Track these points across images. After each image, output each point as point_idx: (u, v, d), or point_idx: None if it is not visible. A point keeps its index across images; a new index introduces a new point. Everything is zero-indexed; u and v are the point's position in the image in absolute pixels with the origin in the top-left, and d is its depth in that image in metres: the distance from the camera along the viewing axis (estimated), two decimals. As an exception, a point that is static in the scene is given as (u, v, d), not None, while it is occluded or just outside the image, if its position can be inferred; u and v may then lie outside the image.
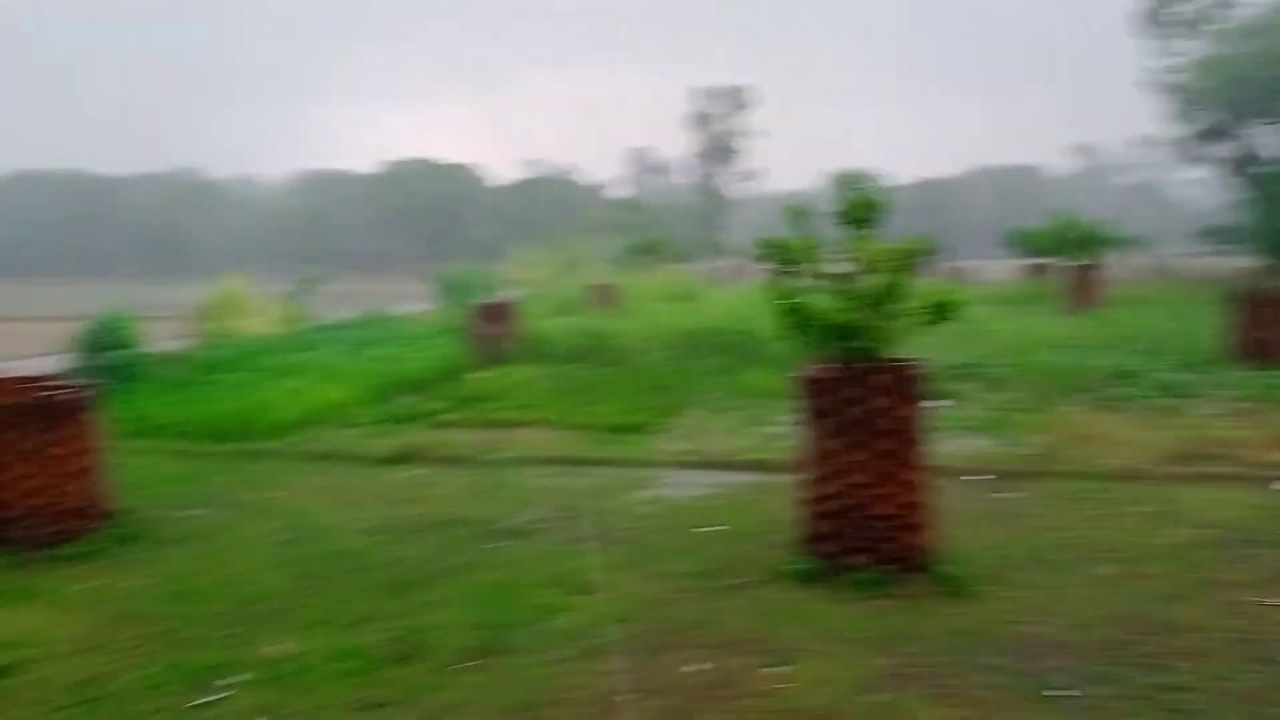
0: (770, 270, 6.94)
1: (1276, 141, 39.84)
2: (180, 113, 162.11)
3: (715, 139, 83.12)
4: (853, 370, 6.58)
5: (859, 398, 6.50)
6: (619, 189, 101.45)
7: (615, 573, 6.87)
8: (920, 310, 6.70)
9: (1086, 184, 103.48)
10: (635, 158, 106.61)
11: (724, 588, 6.55)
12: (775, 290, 6.88)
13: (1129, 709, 4.76)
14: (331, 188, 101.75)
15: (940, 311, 6.71)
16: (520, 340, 18.59)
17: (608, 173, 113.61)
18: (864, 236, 6.75)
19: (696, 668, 5.34)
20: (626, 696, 5.02)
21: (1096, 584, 6.47)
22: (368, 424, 12.61)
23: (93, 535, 7.72)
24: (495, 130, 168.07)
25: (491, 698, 5.05)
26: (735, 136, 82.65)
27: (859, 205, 6.75)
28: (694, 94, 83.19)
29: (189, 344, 17.83)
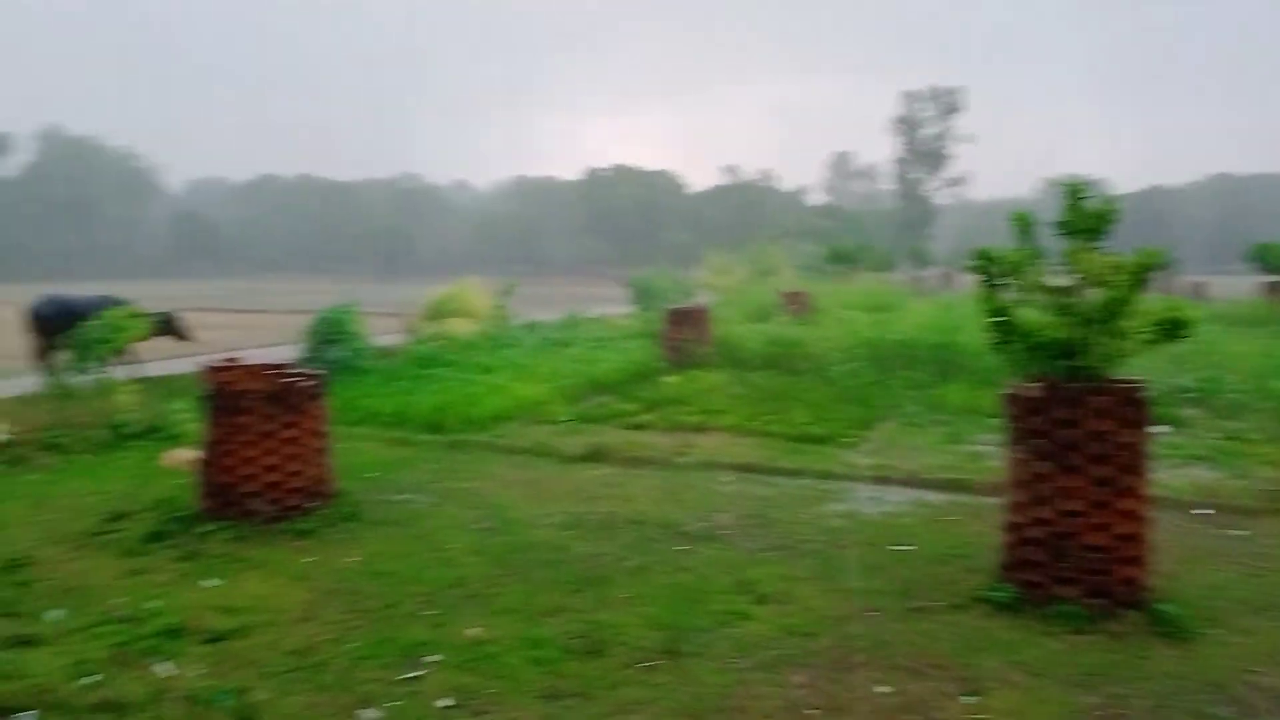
0: (982, 281, 6.61)
1: None
2: (406, 123, 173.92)
3: (922, 143, 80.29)
4: (1069, 390, 6.18)
5: (1075, 419, 6.09)
6: (818, 195, 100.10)
7: (801, 585, 6.76)
8: (1147, 329, 6.19)
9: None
10: (836, 163, 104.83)
11: (915, 609, 6.30)
12: (987, 302, 6.56)
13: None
14: (538, 194, 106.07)
15: (1170, 330, 6.18)
16: (712, 345, 18.65)
17: (806, 179, 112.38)
18: (1088, 248, 6.31)
19: (885, 689, 5.17)
20: (812, 712, 4.92)
21: (1347, 640, 5.76)
22: (562, 422, 13.03)
23: (316, 514, 8.38)
24: (694, 138, 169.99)
25: (673, 699, 5.09)
26: (943, 141, 79.49)
27: (1086, 215, 6.31)
28: (900, 97, 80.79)
29: (405, 339, 19.04)
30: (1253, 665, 5.38)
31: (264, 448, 8.30)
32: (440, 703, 5.06)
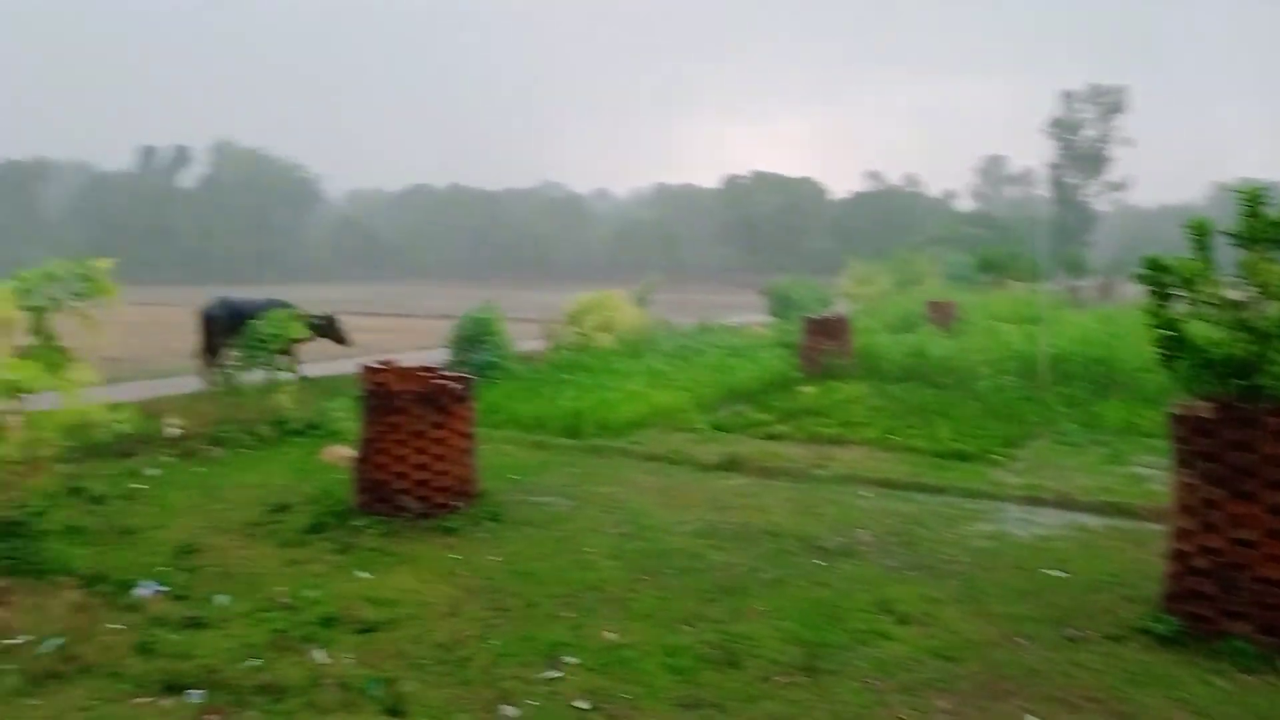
0: (1151, 292, 6.23)
1: None
2: (549, 132, 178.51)
3: (1080, 146, 76.36)
4: (1244, 411, 5.76)
5: (1250, 442, 5.68)
6: (966, 201, 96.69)
7: (944, 606, 6.54)
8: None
9: None
10: (986, 168, 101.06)
11: (1069, 638, 6.00)
12: (1155, 315, 6.19)
13: None
14: (677, 201, 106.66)
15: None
16: (851, 356, 18.28)
17: (954, 184, 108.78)
18: (1267, 258, 5.86)
19: (1034, 722, 4.93)
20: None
21: None
22: (698, 430, 13.04)
23: (461, 512, 8.67)
24: (837, 143, 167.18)
25: (811, 717, 5.01)
26: (1104, 143, 75.35)
27: (1264, 223, 5.87)
28: (1058, 97, 77.12)
29: (546, 345, 19.49)
30: None
31: (414, 447, 8.65)
32: (578, 704, 5.14)
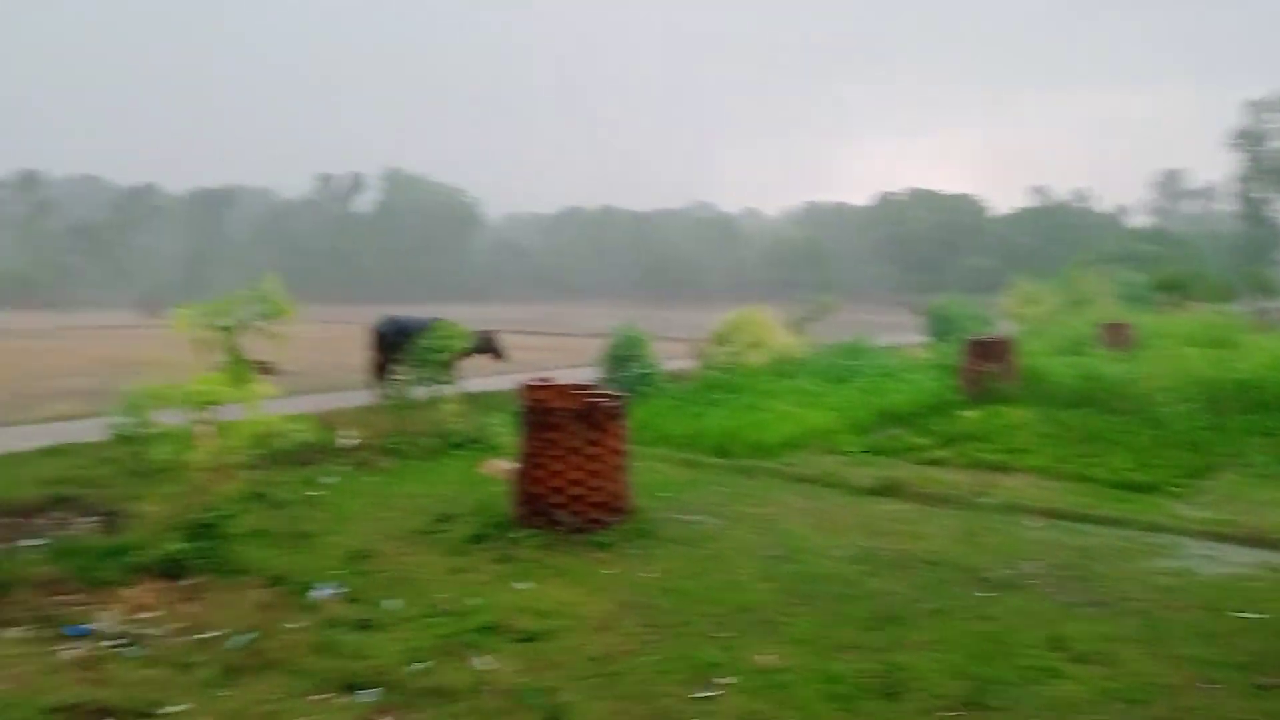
0: None
1: None
2: (699, 152, 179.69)
3: (1269, 158, 70.72)
4: None
5: None
6: (1140, 217, 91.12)
7: (1122, 646, 6.14)
8: None
9: None
10: (1163, 182, 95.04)
11: (1258, 686, 5.53)
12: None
13: None
14: (828, 220, 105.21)
15: None
16: (1016, 379, 17.48)
17: (1127, 199, 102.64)
18: None
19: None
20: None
21: None
22: (851, 452, 12.77)
23: (615, 528, 8.79)
24: (999, 157, 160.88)
25: (976, 755, 4.80)
26: (1296, 154, 69.49)
27: None
28: (1243, 107, 71.75)
29: (695, 364, 19.55)
30: None
31: (570, 462, 8.85)
32: (735, 726, 5.11)
